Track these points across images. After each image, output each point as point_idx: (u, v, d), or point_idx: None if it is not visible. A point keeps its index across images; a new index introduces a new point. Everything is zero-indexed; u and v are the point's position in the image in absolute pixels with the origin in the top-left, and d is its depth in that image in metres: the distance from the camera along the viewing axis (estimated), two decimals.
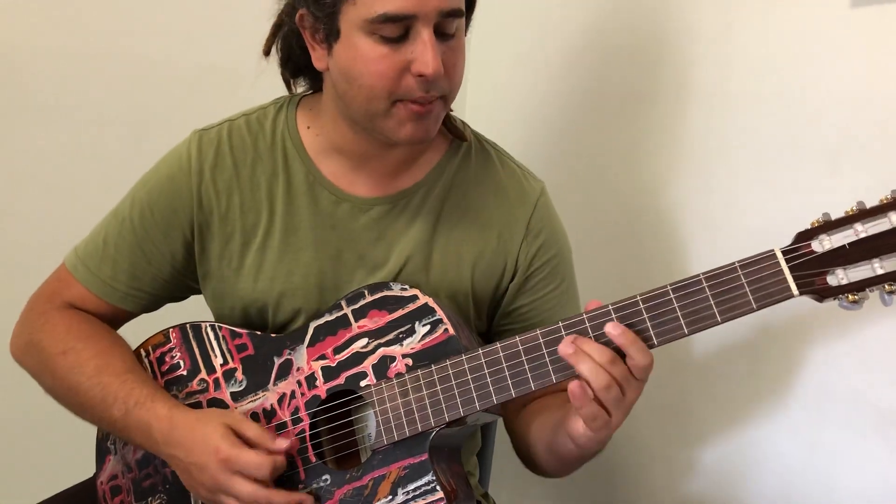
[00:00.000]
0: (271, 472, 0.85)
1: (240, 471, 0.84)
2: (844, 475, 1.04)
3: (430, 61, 0.83)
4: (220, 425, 0.87)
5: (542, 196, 1.03)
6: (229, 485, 0.85)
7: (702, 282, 0.79)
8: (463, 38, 0.91)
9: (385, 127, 0.90)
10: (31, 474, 1.36)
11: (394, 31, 0.84)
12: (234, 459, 0.84)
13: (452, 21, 0.86)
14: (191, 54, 1.44)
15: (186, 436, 0.87)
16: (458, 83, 0.91)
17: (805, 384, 1.08)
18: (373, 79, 0.86)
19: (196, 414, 0.90)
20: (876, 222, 0.74)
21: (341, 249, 0.98)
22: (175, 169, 0.98)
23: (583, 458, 0.91)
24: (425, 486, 0.86)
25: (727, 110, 1.16)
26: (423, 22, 0.83)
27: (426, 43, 0.84)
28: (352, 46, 0.86)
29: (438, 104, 0.89)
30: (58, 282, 1.02)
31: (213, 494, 0.87)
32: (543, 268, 1.01)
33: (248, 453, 0.85)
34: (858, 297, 0.75)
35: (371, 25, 0.84)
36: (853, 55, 1.00)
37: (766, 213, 1.11)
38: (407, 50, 0.85)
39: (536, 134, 1.52)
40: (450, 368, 0.86)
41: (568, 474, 0.98)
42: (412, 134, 0.89)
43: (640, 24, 1.29)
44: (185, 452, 0.87)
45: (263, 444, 0.87)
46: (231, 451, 0.85)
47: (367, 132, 0.93)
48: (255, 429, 0.88)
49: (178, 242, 0.99)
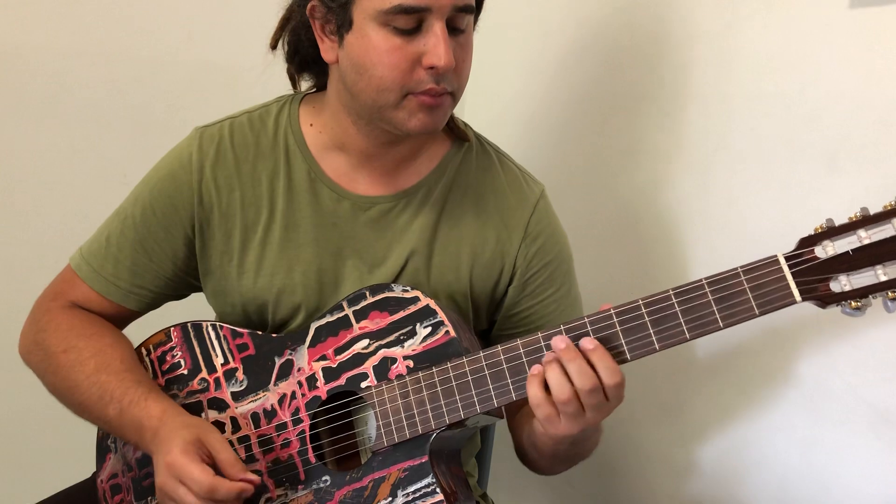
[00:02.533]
0: (207, 492, 0.81)
1: (182, 480, 0.83)
2: (841, 474, 1.05)
3: (442, 54, 0.84)
4: (193, 435, 0.85)
5: (541, 199, 1.03)
6: (174, 490, 0.83)
7: (704, 286, 0.79)
8: (472, 34, 0.92)
9: (395, 118, 0.89)
10: (32, 473, 1.36)
11: (407, 23, 0.84)
12: (178, 468, 0.82)
13: (464, 16, 0.87)
14: (193, 53, 1.44)
15: (164, 437, 0.86)
16: (466, 80, 0.92)
17: (802, 384, 1.08)
18: (384, 70, 0.86)
19: (185, 419, 0.89)
20: (880, 229, 0.74)
21: (342, 247, 0.98)
22: (176, 166, 0.98)
23: (559, 455, 0.91)
24: (425, 488, 0.86)
25: (726, 111, 1.16)
26: (437, 15, 0.84)
27: (439, 36, 0.84)
28: (364, 37, 0.86)
29: (447, 99, 0.90)
30: (63, 282, 1.03)
31: (162, 498, 0.86)
32: (542, 271, 1.01)
33: (191, 466, 0.82)
34: (861, 303, 0.75)
35: (385, 16, 0.84)
36: (852, 56, 1.00)
37: (765, 214, 1.11)
38: (419, 42, 0.85)
39: (535, 135, 1.52)
40: (451, 370, 0.86)
41: (560, 472, 0.99)
42: (422, 124, 0.89)
43: (639, 25, 1.29)
44: (156, 450, 0.87)
45: (227, 472, 0.84)
46: (178, 457, 0.82)
47: (373, 126, 0.93)
48: (228, 455, 0.85)
49: (180, 240, 0.99)
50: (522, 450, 0.99)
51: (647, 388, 1.30)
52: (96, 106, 1.38)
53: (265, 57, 0.99)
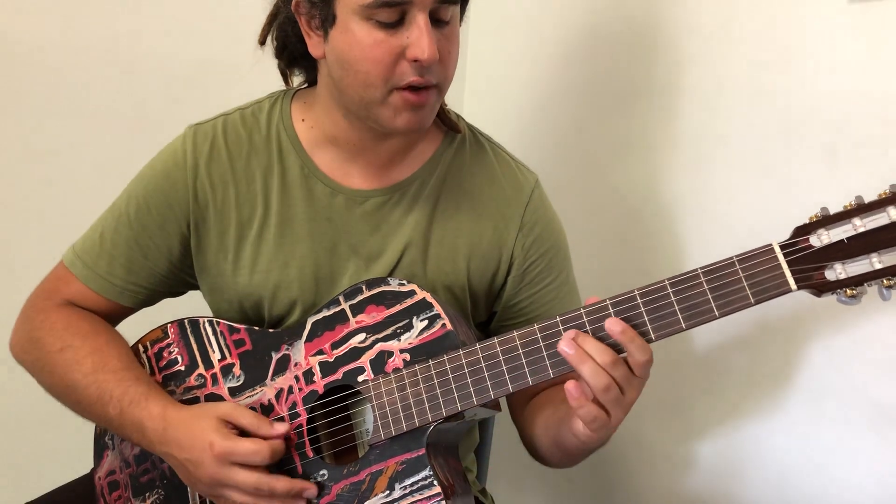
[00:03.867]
0: (270, 458, 0.85)
1: (237, 461, 0.85)
2: (841, 471, 1.05)
3: (426, 46, 0.84)
4: (213, 419, 0.87)
5: (536, 188, 1.03)
6: (229, 476, 0.85)
7: (699, 276, 0.79)
8: (457, 26, 0.91)
9: (380, 115, 0.90)
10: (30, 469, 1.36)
11: (390, 16, 0.84)
12: (231, 451, 0.85)
13: (448, 8, 0.86)
14: (187, 49, 1.44)
15: (180, 433, 0.87)
16: (452, 72, 0.91)
17: (802, 380, 1.08)
18: (368, 64, 0.86)
19: (190, 410, 0.90)
20: (874, 217, 0.74)
21: (337, 241, 0.98)
22: (170, 164, 0.98)
23: (588, 450, 0.91)
24: (422, 481, 0.86)
25: (724, 106, 1.16)
26: (419, 7, 0.84)
27: (422, 28, 0.84)
28: (348, 32, 0.86)
29: (433, 94, 0.89)
30: (56, 279, 1.02)
31: (213, 489, 0.87)
32: (540, 261, 1.01)
33: (243, 442, 0.85)
34: (857, 291, 0.75)
35: (367, 10, 0.84)
36: (851, 51, 1.00)
37: (763, 209, 1.11)
38: (403, 35, 0.85)
39: (534, 130, 1.52)
40: (447, 363, 0.86)
41: (573, 465, 0.98)
42: (407, 123, 0.90)
43: (637, 20, 1.29)
44: (179, 449, 0.87)
45: (259, 432, 0.87)
46: (225, 443, 0.85)
47: (362, 121, 0.93)
48: (250, 416, 0.88)
49: (175, 237, 0.99)
50: (535, 445, 0.98)
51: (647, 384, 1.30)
52: (92, 102, 1.38)
53: (257, 52, 0.99)
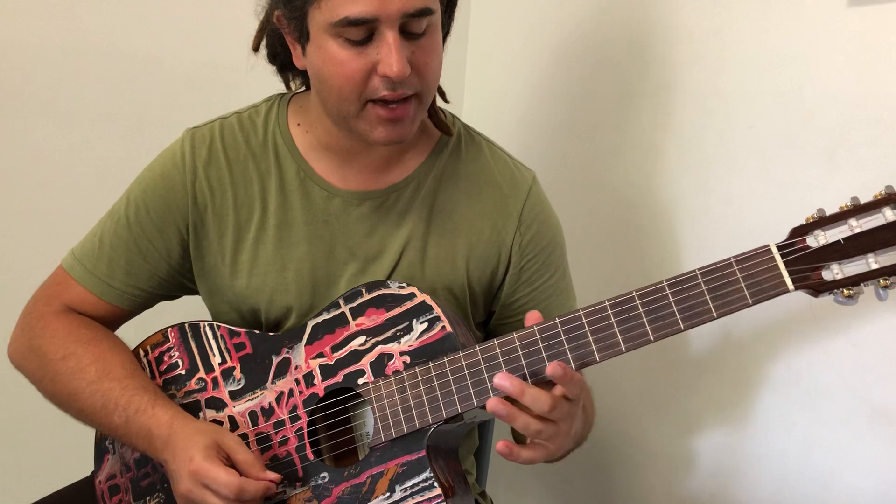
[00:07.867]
0: (236, 495, 0.82)
1: (208, 485, 0.83)
2: (840, 472, 1.05)
3: (394, 63, 0.83)
4: (210, 439, 0.86)
5: (533, 185, 1.03)
6: (201, 497, 0.84)
7: (697, 277, 0.79)
8: (437, 34, 0.90)
9: (358, 128, 0.90)
10: (30, 472, 1.36)
11: (358, 34, 0.84)
12: (203, 473, 0.83)
13: (421, 20, 0.85)
14: (187, 52, 1.44)
15: (177, 443, 0.87)
16: (433, 80, 0.91)
17: (801, 381, 1.08)
18: (340, 80, 0.86)
19: (196, 424, 0.89)
20: (870, 218, 0.75)
21: (334, 244, 0.99)
22: (169, 167, 0.99)
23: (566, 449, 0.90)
24: (423, 483, 0.86)
25: (723, 108, 1.16)
26: (387, 24, 0.83)
27: (390, 45, 0.84)
28: (320, 48, 0.87)
29: (412, 104, 0.89)
30: (55, 284, 1.02)
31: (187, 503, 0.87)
32: (537, 258, 1.01)
33: (217, 470, 0.83)
34: (853, 291, 0.76)
35: (335, 29, 0.84)
36: (850, 53, 1.01)
37: (762, 210, 1.11)
38: (372, 51, 0.85)
39: (532, 132, 1.52)
40: (447, 365, 0.86)
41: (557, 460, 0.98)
42: (386, 136, 0.90)
43: (635, 22, 1.29)
44: (172, 459, 0.87)
45: (249, 471, 0.85)
46: (202, 463, 0.83)
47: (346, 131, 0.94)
48: (245, 454, 0.86)
49: (174, 240, 0.99)
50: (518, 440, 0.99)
51: (644, 386, 1.31)
52: (91, 104, 1.38)
53: (255, 57, 1.00)
